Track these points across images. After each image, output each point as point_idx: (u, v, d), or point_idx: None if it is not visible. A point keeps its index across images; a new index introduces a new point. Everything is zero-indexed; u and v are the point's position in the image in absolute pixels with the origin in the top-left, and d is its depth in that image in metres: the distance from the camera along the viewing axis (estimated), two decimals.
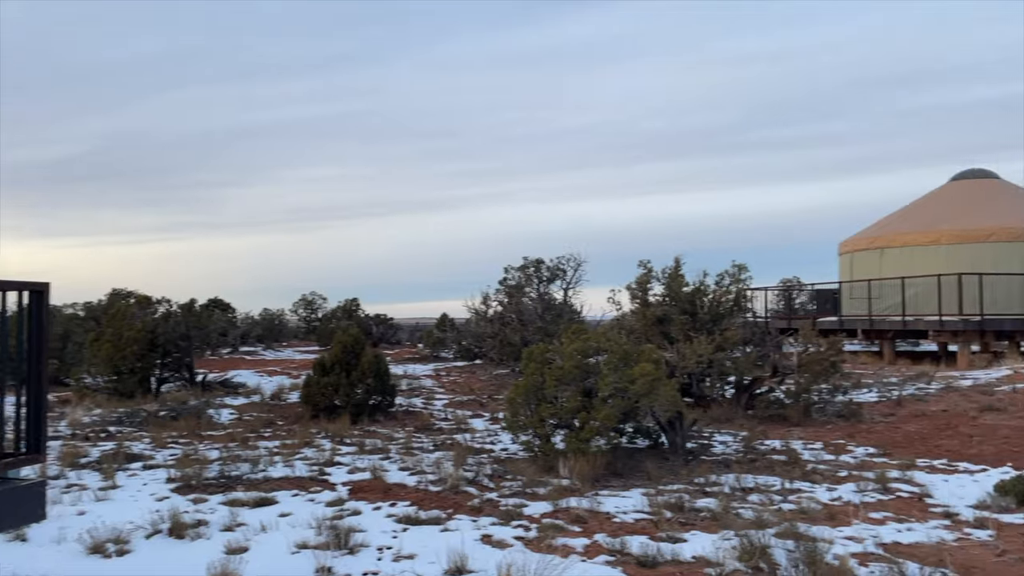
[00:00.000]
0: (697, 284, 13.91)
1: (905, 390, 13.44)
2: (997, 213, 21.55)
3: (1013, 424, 10.51)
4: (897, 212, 24.76)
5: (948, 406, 11.71)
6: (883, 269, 22.26)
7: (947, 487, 7.79)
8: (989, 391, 12.57)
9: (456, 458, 8.76)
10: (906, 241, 22.24)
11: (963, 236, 21.14)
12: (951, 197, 23.28)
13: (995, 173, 23.88)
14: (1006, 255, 20.35)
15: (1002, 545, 6.04)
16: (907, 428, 10.77)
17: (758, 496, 7.42)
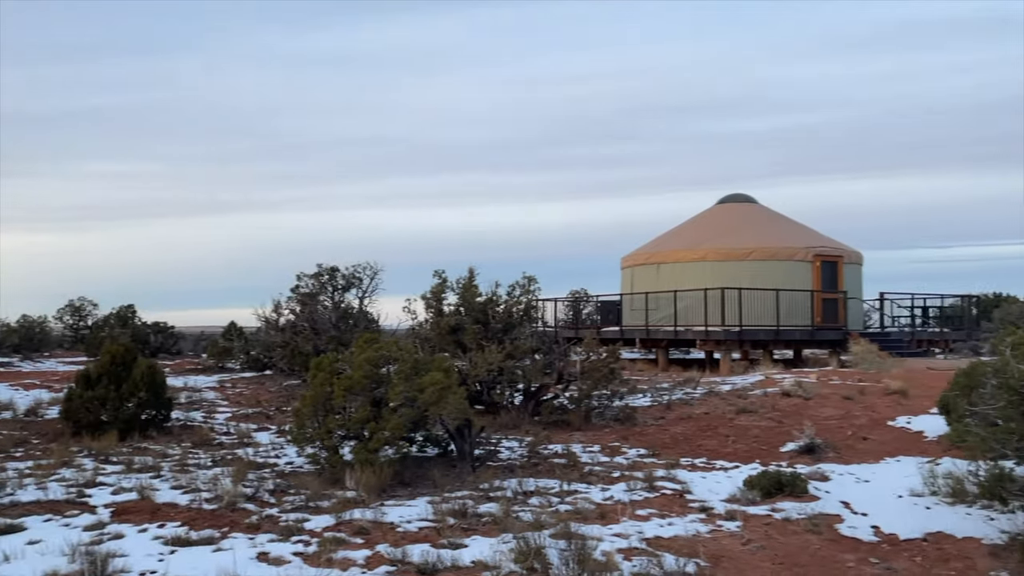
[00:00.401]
0: (490, 294, 14.30)
1: (674, 395, 14.56)
2: (755, 235, 24.01)
3: (763, 424, 11.72)
4: (672, 230, 26.88)
5: (710, 409, 12.84)
6: (659, 283, 24.05)
7: (705, 483, 8.53)
8: (744, 395, 13.93)
9: (236, 474, 8.36)
10: (678, 257, 24.19)
11: (727, 254, 23.35)
12: (717, 219, 25.65)
13: (754, 198, 26.60)
14: (763, 272, 22.71)
15: (747, 535, 6.72)
16: (674, 430, 11.68)
17: (538, 499, 7.73)
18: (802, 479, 8.22)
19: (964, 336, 24.70)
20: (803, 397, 13.33)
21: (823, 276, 23.23)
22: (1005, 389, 6.35)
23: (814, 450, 9.95)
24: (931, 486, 7.90)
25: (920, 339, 24.20)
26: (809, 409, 12.56)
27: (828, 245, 23.95)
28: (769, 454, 10.13)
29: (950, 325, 26.73)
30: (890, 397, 13.23)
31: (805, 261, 23.09)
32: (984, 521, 6.89)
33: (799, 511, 7.32)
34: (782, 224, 25.27)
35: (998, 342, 6.64)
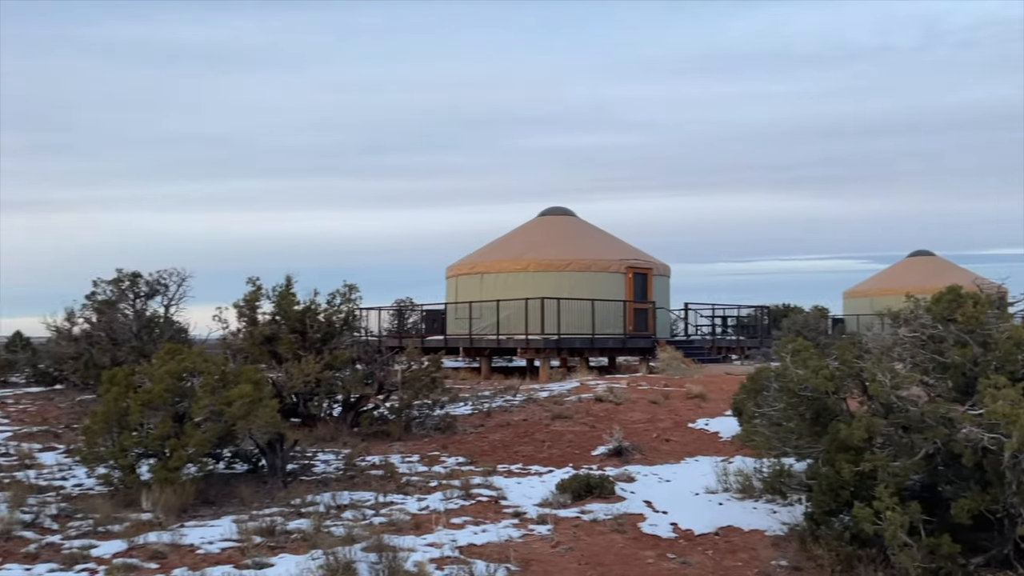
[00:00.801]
0: (308, 303, 13.88)
1: (495, 403, 14.80)
2: (574, 247, 24.98)
3: (577, 429, 12.16)
4: (495, 241, 27.39)
5: (528, 416, 13.16)
6: (483, 292, 24.40)
7: (520, 489, 8.71)
8: (561, 401, 14.41)
9: (13, 499, 7.55)
10: (502, 268, 24.68)
11: (547, 265, 24.11)
12: (539, 231, 26.44)
13: (573, 212, 27.67)
14: (580, 283, 23.64)
15: (557, 537, 6.93)
16: (493, 437, 11.86)
17: (352, 512, 7.57)
18: (610, 481, 8.59)
19: (758, 343, 26.90)
20: (614, 402, 13.96)
21: (635, 287, 24.52)
22: (785, 392, 6.95)
23: (622, 453, 10.44)
24: (724, 483, 8.51)
25: (720, 346, 26.10)
26: (620, 414, 13.17)
27: (640, 258, 25.32)
28: (582, 458, 10.51)
29: (746, 333, 29.02)
30: (692, 401, 14.15)
31: (619, 273, 24.26)
32: (768, 514, 7.50)
33: (606, 512, 7.63)
34: (599, 237, 26.44)
35: (779, 349, 7.28)
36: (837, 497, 6.09)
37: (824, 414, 6.62)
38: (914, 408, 5.86)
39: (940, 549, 5.30)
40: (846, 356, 6.55)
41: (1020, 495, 5.30)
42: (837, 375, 6.45)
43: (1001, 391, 5.28)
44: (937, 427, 5.62)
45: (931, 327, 6.65)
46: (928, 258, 37.82)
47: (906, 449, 5.81)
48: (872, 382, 6.15)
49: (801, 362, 6.78)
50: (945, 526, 5.57)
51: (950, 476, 5.88)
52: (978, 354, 6.18)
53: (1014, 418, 5.02)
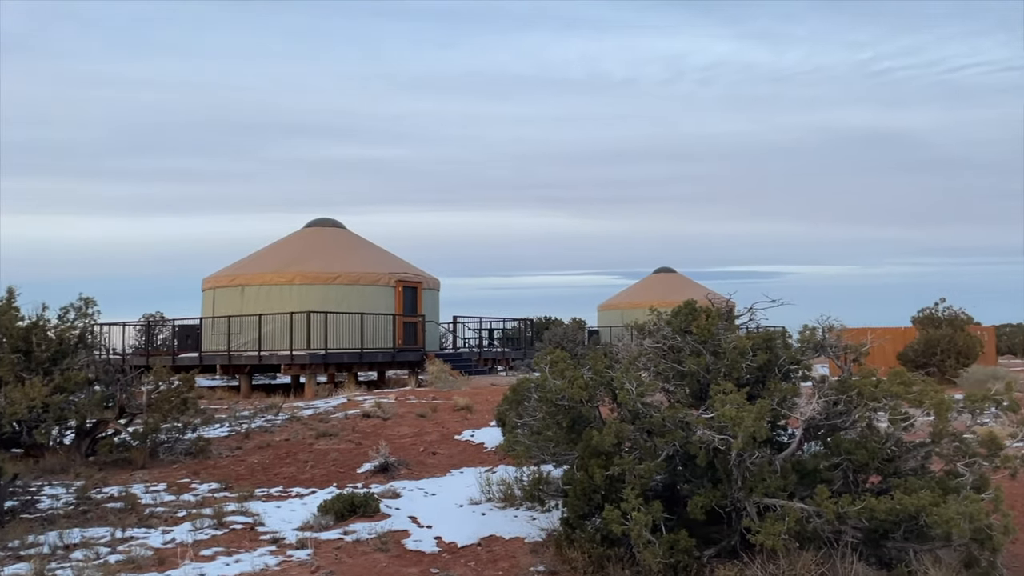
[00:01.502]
0: (35, 318, 12.34)
1: (255, 423, 14.03)
2: (343, 259, 24.46)
3: (342, 447, 11.84)
4: (259, 252, 26.14)
5: (290, 435, 12.61)
6: (244, 306, 23.15)
7: (279, 513, 8.29)
8: (326, 418, 13.97)
9: None
10: (265, 280, 23.58)
11: (314, 278, 23.39)
12: (305, 242, 25.60)
13: (342, 224, 27.14)
14: (349, 296, 23.18)
15: (317, 562, 6.65)
16: (251, 460, 11.22)
17: (84, 552, 6.78)
18: (375, 498, 8.43)
19: (522, 355, 27.95)
20: (382, 417, 13.79)
21: (404, 301, 24.50)
22: (544, 402, 7.21)
23: (388, 469, 10.30)
24: (487, 494, 8.66)
25: (486, 358, 26.79)
26: (387, 429, 13.02)
27: (409, 271, 25.36)
28: (347, 476, 10.24)
29: (511, 345, 30.05)
30: (459, 413, 14.33)
31: (388, 286, 24.12)
32: (528, 521, 7.74)
33: (370, 531, 7.46)
34: (368, 250, 26.13)
35: (539, 360, 7.55)
36: (590, 501, 6.40)
37: (579, 422, 6.95)
38: (657, 414, 6.31)
39: (679, 544, 5.74)
40: (598, 366, 6.93)
41: (745, 490, 5.88)
42: (590, 384, 6.79)
43: (729, 396, 5.83)
44: (676, 430, 6.09)
45: (671, 338, 7.23)
46: (670, 275, 41.54)
47: (650, 452, 6.24)
48: (621, 390, 6.55)
49: (558, 373, 7.08)
50: (683, 522, 6.04)
51: (687, 475, 6.40)
52: (710, 362, 6.80)
53: (739, 420, 5.56)
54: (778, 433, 6.78)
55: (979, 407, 6.13)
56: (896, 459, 6.16)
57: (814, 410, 6.16)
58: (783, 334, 7.28)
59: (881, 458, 6.09)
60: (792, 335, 7.42)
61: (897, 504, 5.32)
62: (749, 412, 5.60)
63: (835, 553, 5.60)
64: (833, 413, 6.32)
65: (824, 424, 6.37)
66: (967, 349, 21.34)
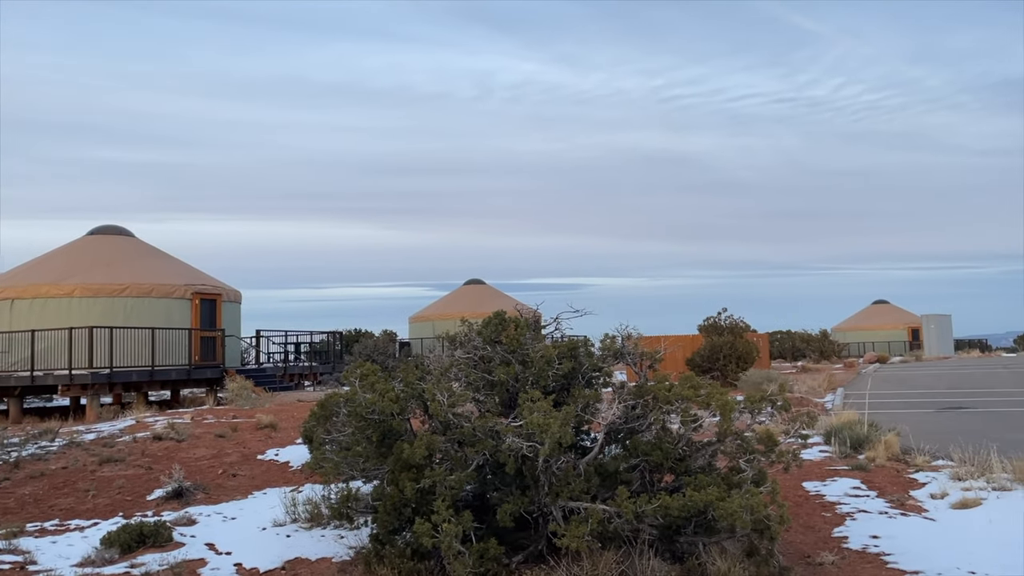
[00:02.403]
0: None
1: (26, 451, 12.60)
2: (131, 270, 22.61)
3: (130, 473, 10.91)
4: (31, 262, 23.58)
5: (69, 462, 11.44)
6: (13, 322, 20.81)
7: (55, 549, 7.51)
8: (112, 443, 12.82)
9: None
10: (40, 293, 21.31)
11: (98, 290, 21.43)
12: (88, 251, 23.41)
13: (131, 232, 25.12)
14: (138, 309, 21.46)
15: None
16: (22, 492, 10.07)
17: None
18: (167, 527, 7.84)
19: (331, 369, 27.21)
20: (176, 439, 12.88)
21: (202, 314, 23.06)
22: (354, 416, 7.04)
23: (183, 494, 9.62)
24: (292, 514, 8.32)
25: (292, 373, 25.82)
26: (181, 451, 12.18)
27: (207, 283, 23.92)
28: (135, 505, 9.46)
29: (320, 359, 29.20)
30: (262, 432, 13.69)
31: (184, 299, 22.61)
32: (335, 541, 7.50)
33: (161, 562, 6.92)
34: (160, 260, 24.38)
35: (348, 374, 7.36)
36: (400, 515, 6.32)
37: (390, 435, 6.84)
38: (467, 424, 6.35)
39: (488, 552, 5.79)
40: (409, 378, 6.88)
41: (551, 495, 6.05)
42: (402, 397, 6.72)
43: (536, 403, 5.98)
44: (486, 440, 6.16)
45: (482, 348, 7.32)
46: (480, 286, 42.25)
47: (461, 462, 6.26)
48: (432, 402, 6.53)
49: (369, 386, 6.94)
50: (492, 530, 6.10)
51: (497, 484, 6.49)
52: (519, 371, 6.95)
53: (546, 427, 5.72)
54: (582, 438, 7.04)
55: (757, 407, 6.71)
56: (687, 458, 6.59)
57: (614, 414, 6.46)
58: (586, 343, 7.59)
59: (674, 458, 6.50)
60: (594, 343, 7.75)
61: (688, 500, 5.69)
62: (555, 419, 5.77)
63: (634, 551, 5.89)
64: (632, 417, 6.66)
65: (624, 428, 6.70)
66: (746, 354, 23.39)
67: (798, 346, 46.65)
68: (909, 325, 54.57)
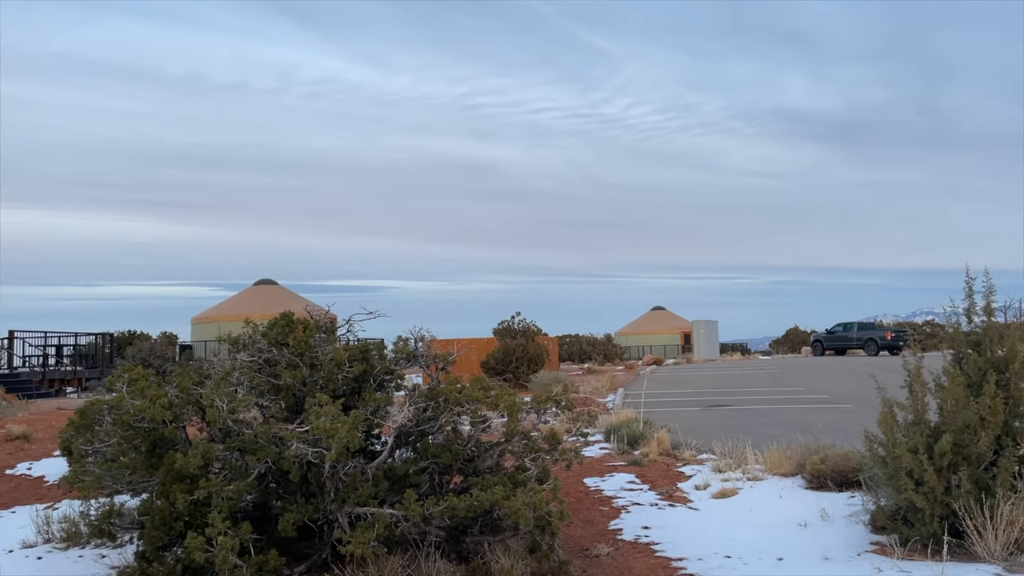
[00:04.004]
0: None
1: None
2: None
3: None
4: None
5: None
6: None
7: None
8: None
9: None
10: None
11: None
12: None
13: None
14: None
15: None
16: None
17: None
18: None
19: (99, 374, 24.93)
20: None
21: None
22: (120, 425, 6.46)
23: None
24: (46, 534, 7.50)
25: (53, 379, 23.41)
26: None
27: None
28: None
29: (86, 363, 26.64)
30: (13, 443, 12.25)
31: None
32: (95, 560, 6.85)
33: None
34: None
35: (115, 378, 6.75)
36: (171, 530, 5.88)
37: (162, 444, 6.36)
38: (249, 431, 6.04)
39: (267, 565, 5.52)
40: (186, 383, 6.43)
41: (338, 502, 5.89)
42: (176, 403, 6.26)
43: (324, 408, 5.80)
44: (269, 447, 5.88)
45: (267, 351, 7.00)
46: (271, 287, 40.61)
47: (241, 471, 5.94)
48: (210, 408, 6.14)
49: (138, 391, 6.40)
50: (274, 541, 5.84)
51: (280, 492, 6.22)
52: (307, 375, 6.71)
53: (333, 432, 5.56)
54: (372, 442, 6.93)
55: (543, 407, 6.94)
56: (476, 459, 6.68)
57: (406, 417, 6.42)
58: (379, 345, 7.49)
59: (463, 459, 6.56)
60: (388, 346, 7.66)
61: (475, 501, 5.76)
62: (344, 423, 5.63)
63: (420, 554, 5.88)
64: (423, 419, 6.65)
65: (415, 430, 6.68)
66: (537, 357, 24.28)
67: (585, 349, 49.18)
68: (682, 330, 59.30)
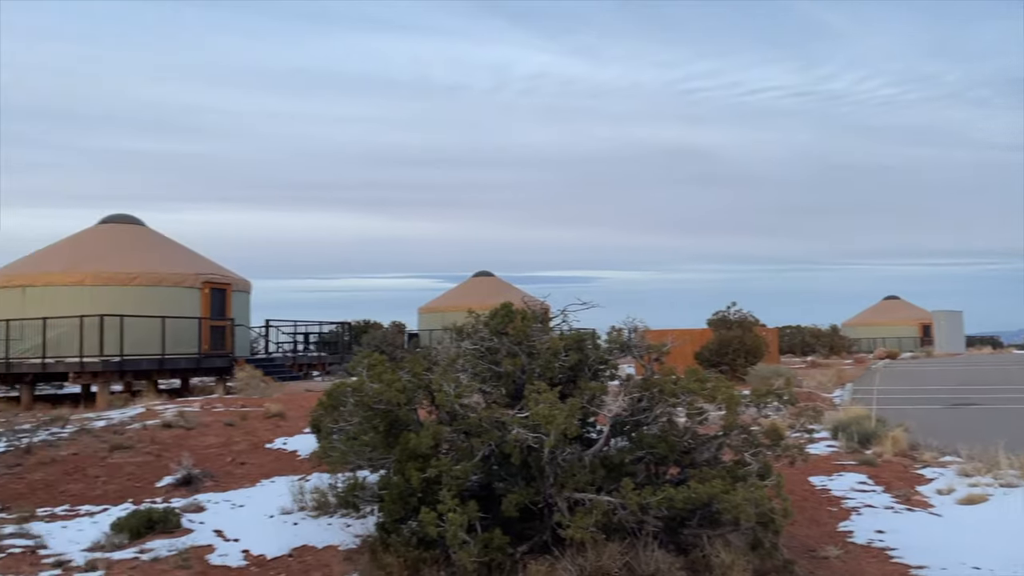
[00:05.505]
0: None
1: (37, 437, 12.71)
2: (142, 259, 22.75)
3: (139, 460, 11.00)
4: (43, 250, 23.74)
5: (80, 449, 11.54)
6: (25, 309, 20.96)
7: (66, 534, 7.58)
8: (122, 430, 12.92)
9: None
10: (50, 280, 21.47)
11: (109, 279, 21.57)
12: (99, 240, 23.55)
13: (141, 220, 25.24)
14: (147, 298, 21.59)
15: None
16: (33, 477, 10.17)
17: None
18: (175, 513, 7.91)
19: (339, 359, 27.33)
20: (185, 427, 12.97)
21: (212, 303, 23.20)
22: (361, 406, 7.09)
23: (192, 481, 9.70)
24: (300, 502, 8.38)
25: (301, 363, 25.96)
26: (191, 439, 12.26)
27: (217, 272, 24.04)
28: (144, 491, 9.54)
29: (328, 350, 29.32)
30: (270, 420, 13.76)
31: (194, 288, 22.74)
32: (342, 529, 7.56)
33: (170, 548, 6.99)
34: (171, 249, 24.51)
35: (355, 364, 7.40)
36: (406, 504, 6.36)
37: (397, 425, 6.89)
38: (473, 415, 6.38)
39: (493, 542, 5.82)
40: (417, 369, 6.91)
41: (556, 486, 6.08)
42: (409, 387, 6.76)
43: (542, 395, 6.01)
44: (492, 430, 6.19)
45: (488, 340, 7.34)
46: (489, 278, 42.29)
47: (467, 453, 6.30)
48: (439, 392, 6.56)
49: (376, 376, 6.98)
50: (498, 520, 6.14)
51: (503, 474, 6.52)
52: (525, 363, 6.97)
53: (551, 418, 5.74)
54: (588, 430, 7.06)
55: (763, 401, 6.72)
56: (692, 451, 6.61)
57: (620, 407, 6.48)
58: (593, 335, 7.60)
59: (679, 450, 6.51)
60: (601, 336, 7.75)
61: (693, 493, 5.71)
62: (561, 410, 5.79)
63: (638, 542, 5.92)
64: (637, 409, 6.68)
65: (629, 420, 6.72)
66: (755, 349, 23.37)
67: (808, 341, 46.55)
68: (920, 321, 54.36)
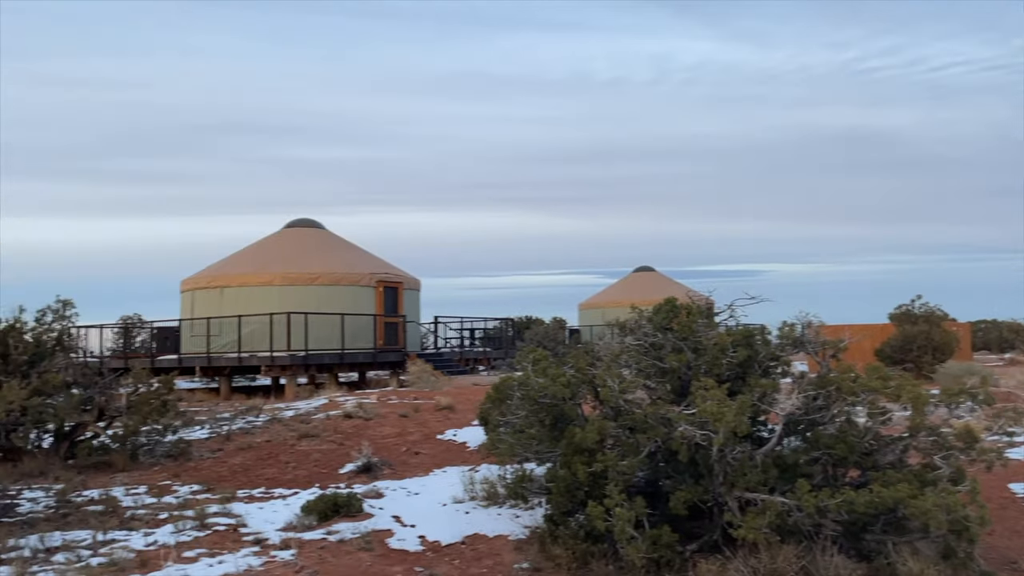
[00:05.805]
0: (12, 321, 12.21)
1: (235, 425, 13.95)
2: (322, 260, 24.37)
3: (324, 448, 11.80)
4: (237, 253, 25.97)
5: (272, 436, 12.55)
6: (223, 308, 22.99)
7: (262, 514, 8.26)
8: (308, 419, 13.92)
9: None
10: (244, 281, 23.44)
11: (294, 279, 23.28)
12: (285, 243, 25.48)
13: (322, 224, 27.02)
14: (328, 297, 23.09)
15: (301, 562, 6.64)
16: (233, 461, 11.16)
17: (65, 555, 6.73)
18: (358, 498, 8.42)
19: (503, 354, 27.97)
20: (364, 418, 13.76)
21: (385, 301, 24.45)
22: (527, 400, 7.25)
23: (371, 469, 10.29)
24: (470, 492, 8.68)
25: (468, 358, 26.80)
26: (369, 429, 13.00)
27: (390, 272, 25.30)
28: (329, 477, 10.22)
29: (493, 345, 30.07)
30: (441, 412, 14.33)
31: (369, 286, 24.06)
32: (511, 519, 7.76)
33: (353, 530, 7.46)
34: (348, 250, 26.05)
35: (521, 359, 7.58)
36: (573, 497, 6.44)
37: (562, 419, 6.99)
38: (639, 410, 6.36)
39: (661, 539, 5.79)
40: (580, 364, 6.97)
41: (726, 485, 5.95)
42: (573, 382, 6.84)
43: (710, 392, 5.89)
44: (658, 427, 6.14)
45: (652, 336, 7.28)
46: (650, 273, 41.71)
47: (632, 448, 6.28)
48: (603, 387, 6.60)
49: (541, 371, 7.12)
50: (665, 517, 6.09)
51: (669, 471, 6.46)
52: (691, 359, 6.85)
53: (720, 416, 5.62)
54: (758, 429, 6.85)
55: (955, 401, 6.24)
56: (874, 453, 6.25)
57: (794, 405, 6.24)
58: (763, 331, 7.35)
59: (860, 452, 6.18)
60: (771, 332, 7.48)
61: (876, 497, 5.40)
62: (730, 408, 5.66)
63: (815, 546, 5.67)
64: (812, 408, 6.40)
65: (804, 419, 6.45)
66: (943, 345, 21.63)
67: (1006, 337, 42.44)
68: None
